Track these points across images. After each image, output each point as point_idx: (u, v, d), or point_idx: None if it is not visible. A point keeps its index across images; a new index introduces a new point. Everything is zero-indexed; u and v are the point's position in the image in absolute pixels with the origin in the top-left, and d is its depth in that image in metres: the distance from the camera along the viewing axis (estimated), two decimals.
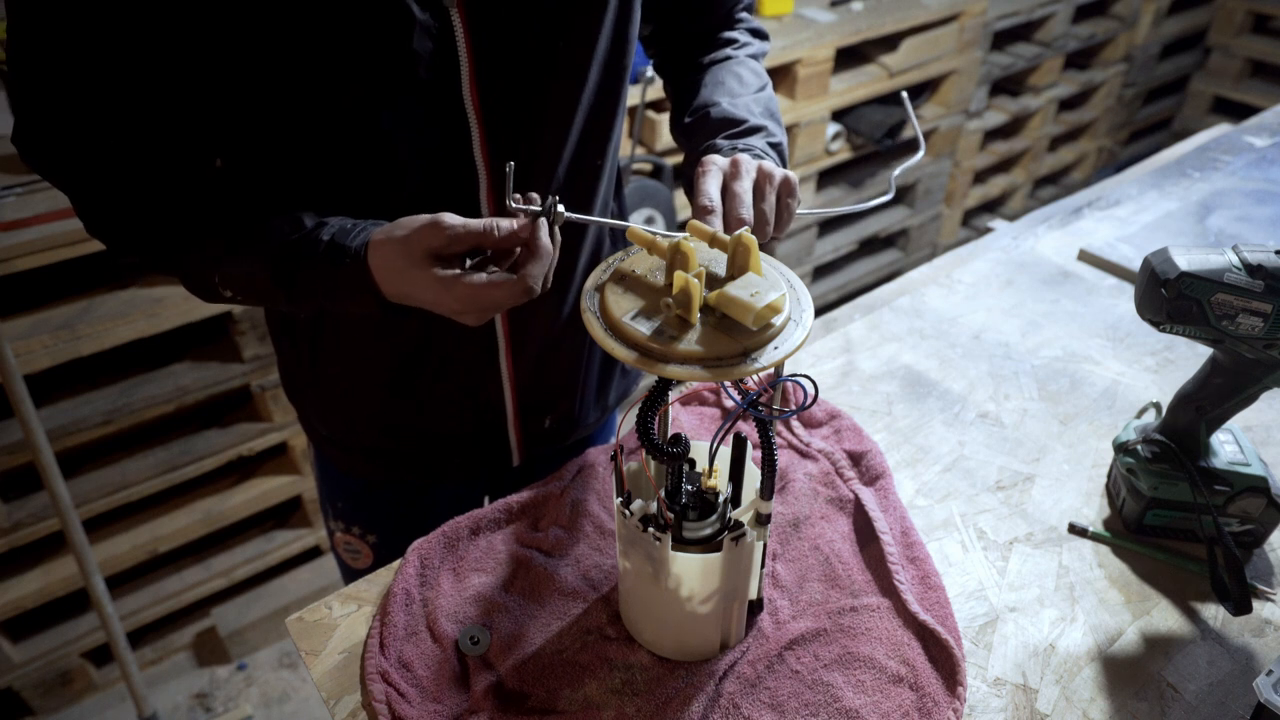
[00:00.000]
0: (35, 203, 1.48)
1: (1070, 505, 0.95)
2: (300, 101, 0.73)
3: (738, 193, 0.75)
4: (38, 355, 1.52)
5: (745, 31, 1.01)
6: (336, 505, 1.09)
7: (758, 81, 0.95)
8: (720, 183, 0.76)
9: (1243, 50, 3.52)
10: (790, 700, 0.75)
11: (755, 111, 0.89)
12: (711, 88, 0.92)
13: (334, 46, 0.70)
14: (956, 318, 1.23)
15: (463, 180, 0.80)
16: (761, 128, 0.87)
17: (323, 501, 1.12)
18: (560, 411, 1.03)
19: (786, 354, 0.61)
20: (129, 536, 1.82)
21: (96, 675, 1.92)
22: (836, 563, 0.86)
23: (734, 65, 0.95)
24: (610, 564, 0.86)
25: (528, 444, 1.02)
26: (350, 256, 0.69)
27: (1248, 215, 1.43)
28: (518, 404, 0.97)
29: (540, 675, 0.77)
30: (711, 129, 0.88)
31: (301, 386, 1.00)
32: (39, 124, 0.72)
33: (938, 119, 2.76)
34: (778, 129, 0.90)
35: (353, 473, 1.05)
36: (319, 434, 1.03)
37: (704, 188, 0.75)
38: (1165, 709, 0.76)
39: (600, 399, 1.08)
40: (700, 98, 0.92)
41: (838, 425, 1.02)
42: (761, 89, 0.94)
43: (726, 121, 0.88)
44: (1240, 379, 0.83)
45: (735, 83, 0.93)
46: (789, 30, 2.29)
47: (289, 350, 0.97)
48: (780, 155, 0.88)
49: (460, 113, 0.76)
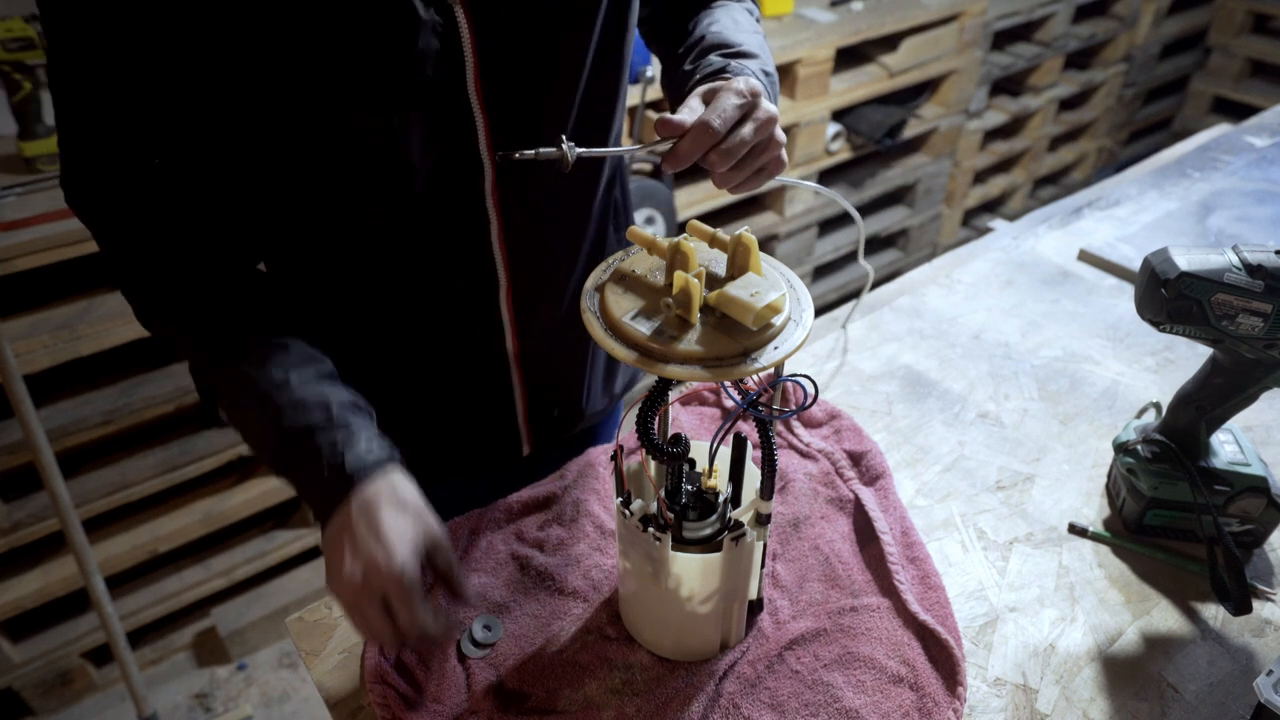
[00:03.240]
0: (35, 203, 1.48)
1: (1070, 505, 0.95)
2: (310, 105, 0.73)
3: (722, 105, 0.73)
4: (38, 355, 1.52)
5: None
6: None
7: (751, 24, 0.94)
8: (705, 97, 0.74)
9: (1243, 50, 3.52)
10: (790, 700, 0.75)
11: (751, 43, 0.88)
12: (705, 25, 0.92)
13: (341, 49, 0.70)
14: (956, 318, 1.23)
15: (469, 175, 0.80)
16: (755, 55, 0.86)
17: None
18: (568, 401, 1.03)
19: (786, 354, 0.61)
20: (129, 536, 1.81)
21: (96, 675, 1.92)
22: (836, 563, 0.86)
23: (727, 10, 0.95)
24: (610, 564, 0.86)
25: (537, 435, 1.03)
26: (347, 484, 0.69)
27: (1248, 215, 1.43)
28: (526, 393, 0.98)
29: (540, 675, 0.77)
30: (705, 49, 0.87)
31: None
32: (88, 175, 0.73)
33: (938, 119, 2.76)
34: (770, 63, 0.89)
35: None
36: None
37: (688, 100, 0.74)
38: (1165, 709, 0.76)
39: (607, 387, 1.09)
40: (694, 35, 0.91)
41: (838, 425, 1.02)
42: (755, 30, 0.93)
43: (721, 44, 0.87)
44: (1240, 379, 0.83)
45: (729, 21, 0.92)
46: (789, 30, 2.29)
47: None
48: (772, 88, 0.86)
49: (466, 109, 0.77)
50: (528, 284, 0.89)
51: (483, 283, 0.87)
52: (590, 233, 0.94)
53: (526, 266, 0.88)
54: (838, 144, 2.51)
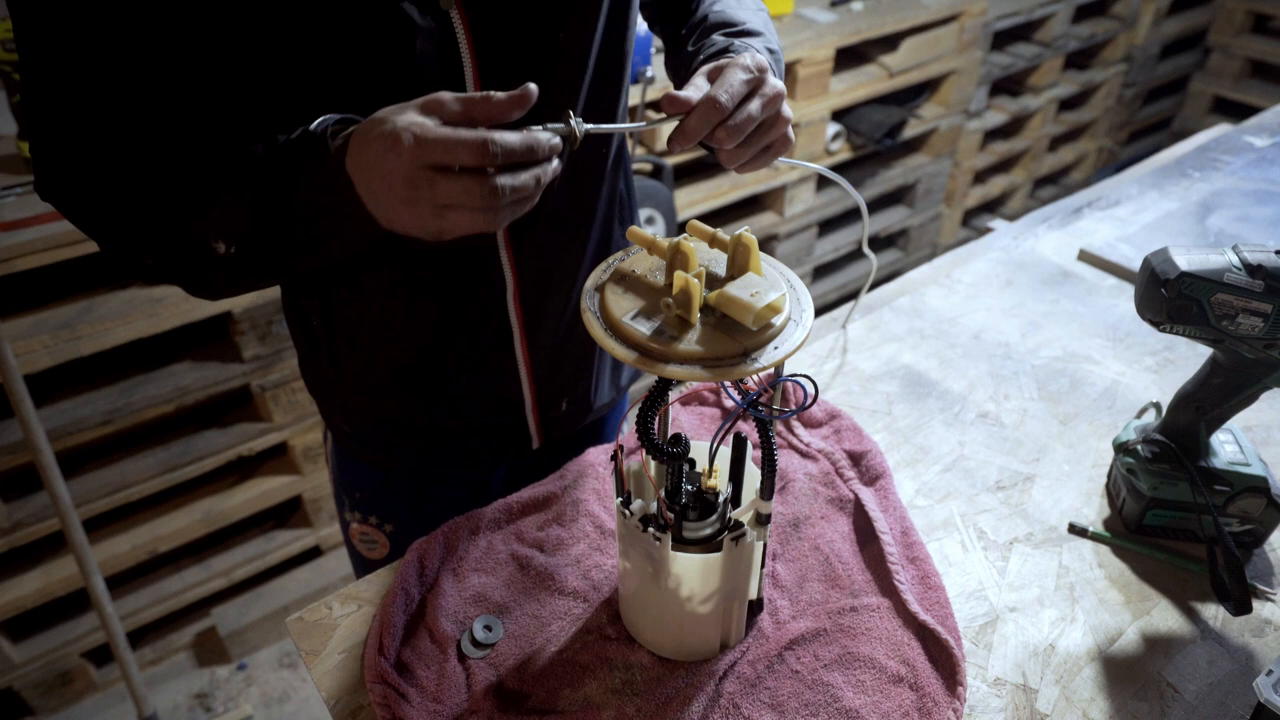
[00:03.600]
0: (35, 203, 1.48)
1: (1070, 505, 0.95)
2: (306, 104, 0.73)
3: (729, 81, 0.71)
4: (38, 355, 1.52)
5: None
6: (354, 496, 1.09)
7: (755, 2, 0.95)
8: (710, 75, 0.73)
9: (1243, 50, 3.52)
10: (790, 700, 0.75)
11: (755, 21, 0.88)
12: (708, 5, 0.92)
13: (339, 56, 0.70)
14: (956, 318, 1.23)
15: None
16: (760, 33, 0.86)
17: (338, 493, 1.12)
18: (577, 394, 1.04)
19: (786, 354, 0.61)
20: (129, 536, 1.82)
21: (96, 675, 1.92)
22: (836, 563, 0.86)
23: None
24: (610, 564, 0.86)
25: (546, 428, 1.03)
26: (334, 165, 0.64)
27: (1248, 215, 1.43)
28: (535, 389, 0.98)
29: (540, 675, 0.77)
30: (708, 29, 0.87)
31: (322, 382, 1.00)
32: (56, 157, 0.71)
33: (938, 119, 2.76)
34: (775, 40, 0.88)
35: (373, 464, 1.05)
36: (340, 428, 1.03)
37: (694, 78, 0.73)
38: (1165, 709, 0.76)
39: (614, 380, 1.10)
40: (697, 15, 0.91)
41: (838, 425, 1.02)
42: (759, 8, 0.94)
43: (724, 23, 0.86)
44: (1240, 379, 0.83)
45: (734, 2, 0.93)
46: (789, 30, 2.29)
47: (308, 347, 0.97)
48: (778, 65, 0.85)
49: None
50: (534, 280, 0.89)
51: (490, 280, 0.87)
52: (596, 227, 0.94)
53: (533, 263, 0.88)
54: (838, 144, 2.51)
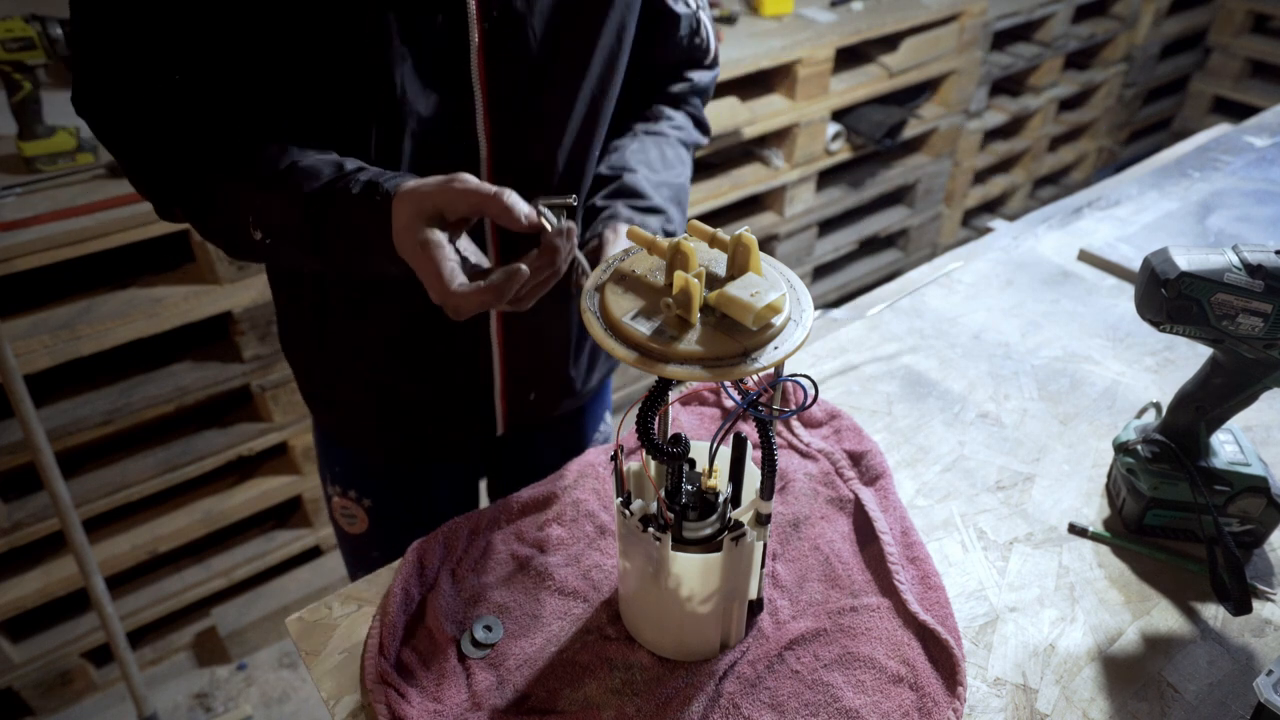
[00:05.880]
0: (35, 203, 1.48)
1: (1070, 505, 0.95)
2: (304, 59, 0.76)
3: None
4: (38, 355, 1.52)
5: (689, 117, 1.06)
6: (334, 469, 1.12)
7: (680, 167, 1.00)
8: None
9: (1243, 50, 3.52)
10: (790, 700, 0.75)
11: (663, 195, 0.94)
12: (635, 153, 0.97)
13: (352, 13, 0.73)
14: (956, 318, 1.23)
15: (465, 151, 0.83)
16: (663, 211, 0.92)
17: (321, 467, 1.16)
18: (547, 386, 1.06)
19: (786, 354, 0.61)
20: (129, 536, 1.82)
21: (96, 675, 1.92)
22: (836, 563, 0.86)
23: (663, 143, 1.00)
24: (610, 564, 0.86)
25: (512, 414, 1.05)
26: (381, 195, 0.71)
27: (1248, 215, 1.43)
28: (505, 372, 1.00)
29: (540, 675, 0.77)
30: (618, 192, 0.93)
31: (301, 344, 1.02)
32: (97, 82, 0.76)
33: (938, 119, 2.76)
34: (679, 215, 0.95)
35: (347, 441, 1.08)
36: (315, 398, 1.06)
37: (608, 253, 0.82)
38: (1165, 709, 0.76)
39: (588, 376, 1.11)
40: (622, 158, 0.96)
41: (838, 425, 1.02)
42: (679, 175, 0.99)
43: (634, 193, 0.92)
44: (1240, 379, 0.83)
45: (658, 160, 0.97)
46: (789, 30, 2.29)
47: (291, 306, 0.99)
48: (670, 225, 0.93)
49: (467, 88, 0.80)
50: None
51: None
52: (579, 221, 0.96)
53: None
54: (838, 144, 2.51)
